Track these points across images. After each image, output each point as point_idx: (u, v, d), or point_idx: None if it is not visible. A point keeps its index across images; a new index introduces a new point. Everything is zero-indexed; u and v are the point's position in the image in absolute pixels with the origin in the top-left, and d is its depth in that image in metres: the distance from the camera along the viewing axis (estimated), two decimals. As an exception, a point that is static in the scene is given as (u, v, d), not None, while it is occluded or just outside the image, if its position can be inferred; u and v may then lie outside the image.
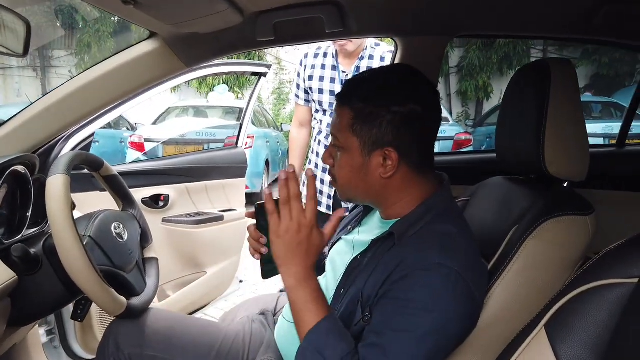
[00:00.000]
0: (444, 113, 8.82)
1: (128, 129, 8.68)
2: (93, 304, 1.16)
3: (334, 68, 2.06)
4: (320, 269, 1.15)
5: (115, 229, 1.16)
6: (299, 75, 2.18)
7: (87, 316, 1.75)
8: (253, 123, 6.68)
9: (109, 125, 8.36)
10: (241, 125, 2.47)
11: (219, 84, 9.75)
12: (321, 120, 2.11)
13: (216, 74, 2.28)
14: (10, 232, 1.13)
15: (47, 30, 12.64)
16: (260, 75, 2.39)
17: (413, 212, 0.91)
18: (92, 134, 1.74)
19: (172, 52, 1.28)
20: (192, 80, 11.08)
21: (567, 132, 0.99)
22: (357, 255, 0.95)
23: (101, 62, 1.31)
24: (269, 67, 2.44)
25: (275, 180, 7.35)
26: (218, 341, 1.13)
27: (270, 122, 8.51)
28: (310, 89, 2.12)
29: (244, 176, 2.38)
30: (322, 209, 2.11)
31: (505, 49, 11.16)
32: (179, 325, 1.14)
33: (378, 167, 0.89)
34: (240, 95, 10.32)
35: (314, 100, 2.13)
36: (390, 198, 0.93)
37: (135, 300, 1.10)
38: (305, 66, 2.14)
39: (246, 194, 2.41)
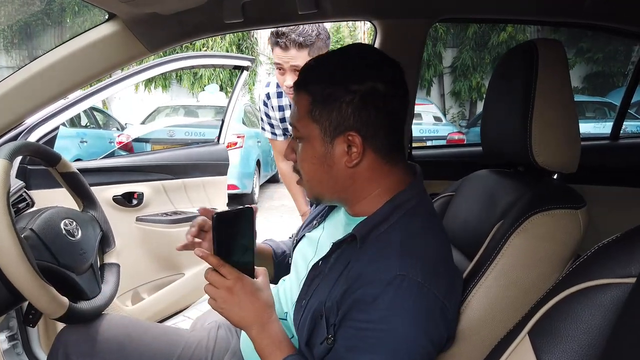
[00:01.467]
0: (437, 113, 8.79)
1: (118, 129, 8.58)
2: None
3: None
4: (284, 269, 1.06)
5: (65, 225, 1.07)
6: (268, 116, 2.03)
7: (51, 322, 1.67)
8: (244, 123, 6.61)
9: (98, 126, 8.29)
10: (223, 121, 2.38)
11: (211, 83, 9.66)
12: None
13: (195, 67, 2.18)
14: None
15: (36, 30, 12.52)
16: (242, 68, 2.30)
17: (379, 210, 0.81)
18: (57, 128, 1.64)
19: (133, 36, 1.19)
20: (182, 77, 11.05)
21: (555, 118, 0.91)
22: (319, 261, 0.86)
23: (54, 48, 1.22)
24: (252, 60, 2.35)
25: (267, 181, 7.28)
26: (179, 349, 1.04)
27: (262, 122, 8.41)
28: (286, 129, 2.01)
29: (225, 174, 2.28)
30: None
31: (498, 49, 11.14)
32: (135, 332, 1.05)
33: (342, 156, 0.80)
34: (231, 95, 10.22)
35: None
36: (358, 192, 0.83)
37: (84, 305, 1.00)
38: (273, 108, 2.00)
39: (235, 194, 2.31)
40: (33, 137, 1.58)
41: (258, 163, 6.86)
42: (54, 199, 1.41)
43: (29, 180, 1.54)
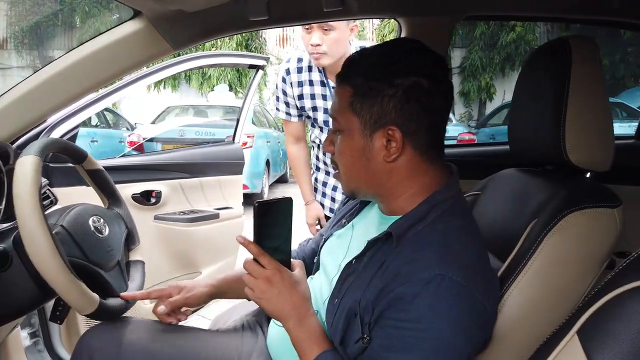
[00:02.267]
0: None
1: (127, 128, 8.63)
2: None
3: (323, 84, 1.86)
4: (310, 268, 1.06)
5: (94, 222, 1.07)
6: (285, 93, 1.93)
7: (72, 320, 1.68)
8: (253, 123, 6.62)
9: (108, 125, 8.35)
10: (238, 120, 2.38)
11: (222, 83, 9.68)
12: (319, 138, 1.95)
13: (211, 66, 2.19)
14: (-20, 227, 1.04)
15: (46, 30, 12.60)
16: (257, 68, 2.30)
17: (416, 209, 0.81)
18: (78, 125, 1.65)
19: (158, 33, 1.19)
20: (191, 77, 11.06)
21: (590, 116, 0.89)
22: (352, 260, 0.85)
23: (79, 45, 1.22)
24: (267, 59, 2.35)
25: (276, 181, 7.31)
26: (204, 351, 1.02)
27: (271, 122, 8.44)
28: (303, 107, 1.93)
29: (240, 173, 2.28)
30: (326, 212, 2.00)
31: (507, 49, 11.08)
32: (161, 334, 1.03)
33: (381, 150, 0.80)
34: (241, 95, 10.24)
35: (309, 117, 1.95)
36: (395, 188, 0.83)
37: (112, 301, 1.00)
38: (291, 84, 1.91)
39: (245, 194, 2.31)
40: (55, 135, 1.59)
41: (267, 163, 6.87)
42: (75, 197, 1.42)
43: (51, 178, 1.55)
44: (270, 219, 0.81)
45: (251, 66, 2.31)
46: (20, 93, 1.23)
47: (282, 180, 8.64)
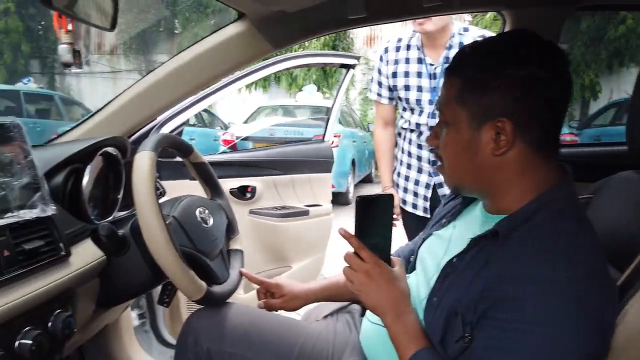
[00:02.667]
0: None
1: (221, 127, 9.10)
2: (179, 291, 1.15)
3: (420, 61, 1.85)
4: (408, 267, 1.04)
5: (200, 213, 1.14)
6: (379, 72, 1.97)
7: (175, 303, 1.81)
8: (340, 122, 6.67)
9: (204, 124, 8.86)
10: (328, 119, 2.41)
11: (308, 83, 9.87)
12: (409, 120, 1.91)
13: (303, 66, 2.23)
14: (103, 214, 1.14)
15: (150, 36, 13.65)
16: (348, 67, 2.31)
17: (523, 208, 0.77)
18: (184, 123, 1.77)
19: (259, 34, 1.24)
20: (281, 78, 11.37)
21: None
22: (453, 258, 0.83)
23: (190, 46, 1.30)
24: (358, 58, 2.36)
25: (361, 181, 7.29)
26: (300, 339, 1.06)
27: (357, 122, 8.45)
28: (395, 86, 1.92)
29: (330, 171, 2.31)
30: (419, 212, 1.95)
31: (616, 44, 10.13)
32: (259, 321, 1.08)
33: (489, 143, 0.76)
34: (327, 95, 10.37)
35: (399, 98, 1.93)
36: (503, 185, 0.79)
37: (217, 288, 1.06)
38: (387, 62, 1.93)
39: (332, 193, 2.34)
40: (164, 132, 1.71)
41: (353, 162, 6.89)
42: (180, 189, 1.52)
43: (160, 172, 1.67)
44: (371, 215, 0.81)
45: (342, 65, 2.33)
46: (135, 93, 1.34)
47: (367, 180, 8.62)
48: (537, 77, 0.73)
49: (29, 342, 0.76)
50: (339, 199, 6.10)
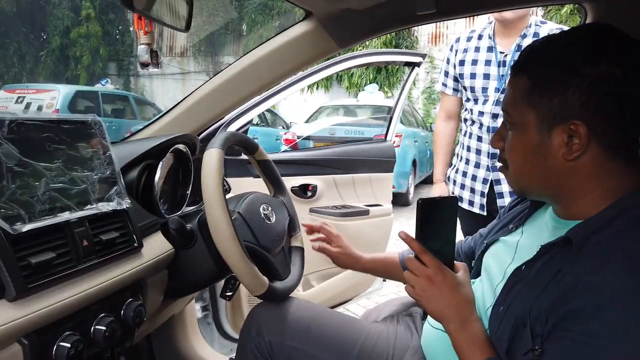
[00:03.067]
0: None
1: (283, 127, 9.27)
2: (241, 286, 1.17)
3: (490, 49, 1.82)
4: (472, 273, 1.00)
5: (264, 210, 1.15)
6: (448, 61, 1.97)
7: (237, 298, 1.85)
8: (401, 122, 6.57)
9: (267, 124, 9.06)
10: (391, 118, 2.38)
11: (369, 83, 9.82)
12: (472, 110, 1.88)
13: (368, 64, 2.21)
14: (172, 208, 1.19)
15: (218, 39, 14.14)
16: (413, 65, 2.26)
17: (600, 213, 0.71)
18: (249, 122, 1.80)
19: (326, 32, 1.24)
20: (343, 78, 11.37)
21: None
22: (522, 266, 0.78)
23: (257, 46, 1.33)
24: (423, 56, 2.30)
25: (422, 182, 7.15)
26: (361, 338, 1.05)
27: (420, 121, 8.30)
28: (461, 75, 1.89)
29: (391, 171, 2.28)
30: (475, 209, 1.89)
31: None
32: (320, 317, 1.09)
33: (561, 147, 0.71)
34: (389, 95, 10.25)
35: (464, 88, 1.90)
36: (575, 190, 0.74)
37: (278, 284, 1.07)
38: (457, 51, 1.92)
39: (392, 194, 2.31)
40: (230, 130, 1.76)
41: (414, 163, 6.78)
42: (244, 186, 1.56)
43: (226, 169, 1.71)
44: (433, 218, 0.78)
45: (407, 64, 2.29)
46: (204, 93, 1.39)
47: (428, 181, 8.44)
48: (614, 75, 0.67)
49: (103, 328, 0.80)
50: (398, 200, 6.02)
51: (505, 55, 1.79)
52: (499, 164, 0.84)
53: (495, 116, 1.79)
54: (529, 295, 0.73)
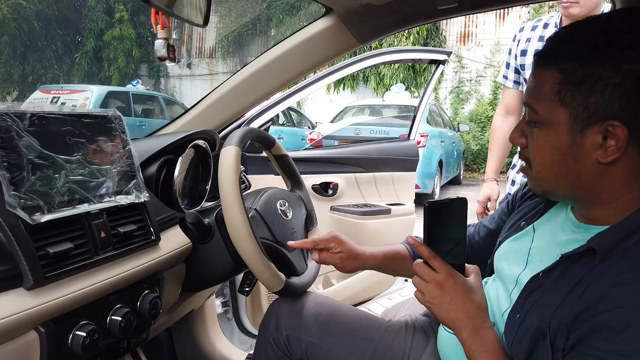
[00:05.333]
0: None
1: (309, 127, 9.29)
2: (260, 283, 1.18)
3: None
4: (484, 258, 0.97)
5: (280, 206, 1.15)
6: (509, 52, 1.87)
7: (257, 294, 1.86)
8: (428, 122, 6.50)
9: (292, 124, 9.10)
10: (414, 117, 2.35)
11: (396, 83, 9.75)
12: None
13: (392, 62, 2.19)
14: (192, 204, 1.20)
15: (246, 39, 14.28)
16: (438, 63, 2.23)
17: (628, 219, 0.67)
18: (269, 120, 1.81)
19: (346, 28, 1.23)
20: (369, 78, 11.32)
21: None
22: (539, 273, 0.74)
23: (280, 42, 1.33)
24: (448, 54, 2.26)
25: (448, 182, 7.05)
26: (377, 335, 1.04)
27: (447, 121, 8.19)
28: (522, 66, 1.79)
29: (414, 170, 2.25)
30: None
31: None
32: (338, 313, 1.08)
33: (594, 149, 0.66)
34: (416, 94, 10.15)
35: (526, 80, 1.79)
36: (603, 194, 0.69)
37: (295, 280, 1.07)
38: (519, 41, 1.82)
39: (416, 194, 2.27)
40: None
41: (440, 164, 6.69)
42: (265, 183, 1.56)
43: (247, 166, 1.73)
44: (442, 220, 0.75)
45: (432, 61, 2.25)
46: (225, 90, 1.40)
47: (455, 182, 8.32)
48: None
49: (119, 318, 0.81)
50: (423, 200, 5.90)
51: None
52: (521, 163, 0.79)
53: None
54: (548, 305, 0.70)
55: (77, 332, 0.75)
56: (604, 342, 0.60)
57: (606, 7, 1.64)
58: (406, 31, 10.42)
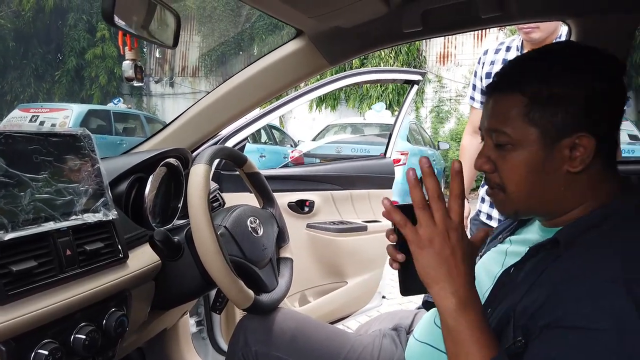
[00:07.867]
0: (633, 130, 7.61)
1: (291, 145, 9.33)
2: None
3: None
4: None
5: (251, 223, 1.17)
6: (475, 74, 1.96)
7: (231, 312, 1.85)
8: (408, 140, 6.60)
9: (275, 142, 9.13)
10: (390, 135, 2.39)
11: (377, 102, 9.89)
12: None
13: (368, 82, 2.24)
14: (163, 221, 1.21)
15: (229, 59, 14.36)
16: (412, 83, 2.28)
17: (589, 214, 0.72)
18: (245, 139, 1.83)
19: (317, 50, 1.27)
20: (350, 96, 11.46)
21: None
22: (510, 268, 0.78)
23: (251, 63, 1.36)
24: (423, 74, 2.32)
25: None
26: (345, 350, 1.05)
27: (427, 140, 8.31)
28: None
29: (390, 187, 2.28)
30: (493, 223, 1.86)
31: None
32: (306, 328, 1.09)
33: (564, 161, 0.71)
34: (396, 113, 10.28)
35: None
36: (568, 202, 0.74)
37: (265, 297, 1.08)
38: (484, 63, 1.90)
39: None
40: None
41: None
42: (240, 201, 1.58)
43: (222, 184, 1.74)
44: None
45: (406, 81, 2.31)
46: (199, 109, 1.42)
47: (435, 199, 8.38)
48: (603, 89, 0.70)
49: (83, 337, 0.81)
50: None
51: None
52: (488, 190, 0.80)
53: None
54: (515, 295, 0.72)
55: (40, 351, 0.74)
56: (564, 317, 0.62)
57: (564, 30, 1.71)
58: (393, 52, 10.67)
